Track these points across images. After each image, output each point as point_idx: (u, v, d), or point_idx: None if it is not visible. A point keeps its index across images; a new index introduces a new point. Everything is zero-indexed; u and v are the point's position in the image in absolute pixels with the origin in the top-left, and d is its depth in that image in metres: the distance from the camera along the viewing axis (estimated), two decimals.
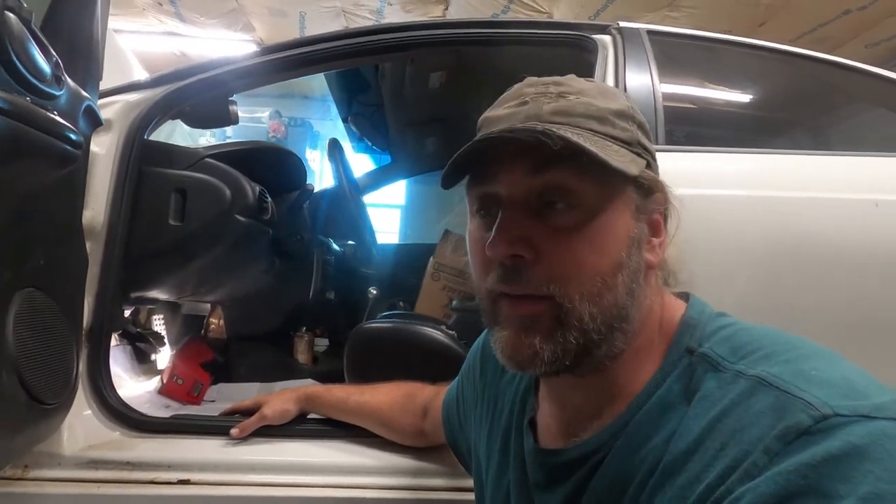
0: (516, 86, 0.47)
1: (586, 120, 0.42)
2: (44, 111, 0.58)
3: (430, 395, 0.81)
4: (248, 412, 0.91)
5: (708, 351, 0.41)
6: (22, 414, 0.63)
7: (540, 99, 0.43)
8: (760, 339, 0.40)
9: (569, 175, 0.41)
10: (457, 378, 0.73)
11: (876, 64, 1.23)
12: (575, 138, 0.39)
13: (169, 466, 0.83)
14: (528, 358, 0.42)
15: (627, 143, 0.43)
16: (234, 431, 0.87)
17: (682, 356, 0.42)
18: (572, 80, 0.46)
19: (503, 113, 0.44)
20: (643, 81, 1.02)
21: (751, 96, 1.28)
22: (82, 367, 0.84)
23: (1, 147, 0.52)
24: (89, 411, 0.88)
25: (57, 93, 0.62)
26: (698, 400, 0.39)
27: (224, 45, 3.83)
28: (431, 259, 1.62)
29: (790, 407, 0.33)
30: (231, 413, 0.94)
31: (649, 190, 0.45)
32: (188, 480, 0.82)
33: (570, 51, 1.14)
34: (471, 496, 0.78)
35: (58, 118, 0.61)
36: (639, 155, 0.44)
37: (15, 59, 0.52)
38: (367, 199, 2.08)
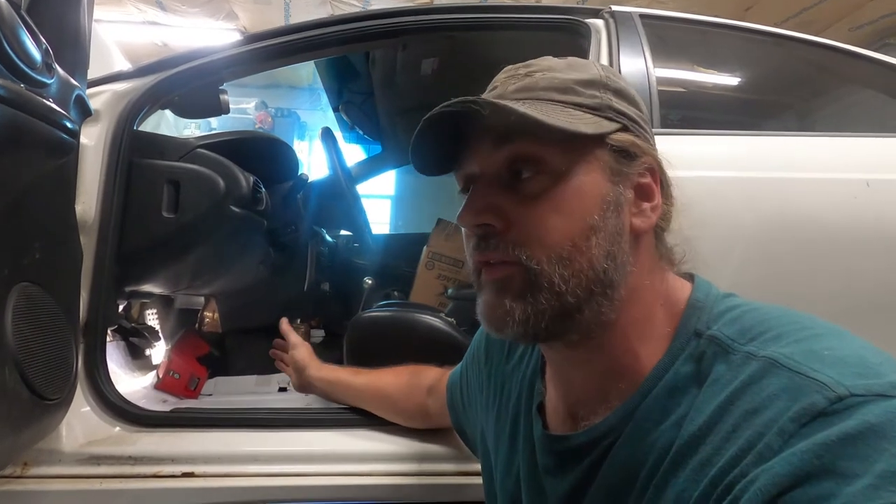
0: (496, 77, 0.49)
1: (547, 92, 0.44)
2: (40, 99, 0.56)
3: (435, 377, 0.81)
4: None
5: (717, 333, 0.41)
6: (25, 410, 0.62)
7: (507, 82, 0.46)
8: (770, 319, 0.40)
9: (531, 144, 0.43)
10: (461, 362, 0.73)
11: (859, 46, 1.25)
12: (508, 104, 0.41)
13: (172, 460, 0.82)
14: (501, 317, 0.43)
15: (593, 109, 0.44)
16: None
17: (691, 338, 0.42)
18: (543, 60, 0.47)
19: None
20: (637, 66, 1.02)
21: (745, 79, 1.28)
22: (80, 362, 0.83)
23: None
24: (87, 407, 0.87)
25: (48, 81, 0.60)
26: (709, 383, 0.38)
27: (207, 34, 3.75)
28: (425, 248, 1.61)
29: (804, 388, 0.33)
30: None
31: (628, 153, 0.44)
32: (192, 473, 0.81)
33: (562, 35, 1.14)
34: (477, 479, 0.79)
35: (53, 106, 0.59)
36: (609, 119, 0.44)
37: (5, 45, 0.51)
38: (359, 189, 2.07)
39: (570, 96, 0.43)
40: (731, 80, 1.29)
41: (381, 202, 4.40)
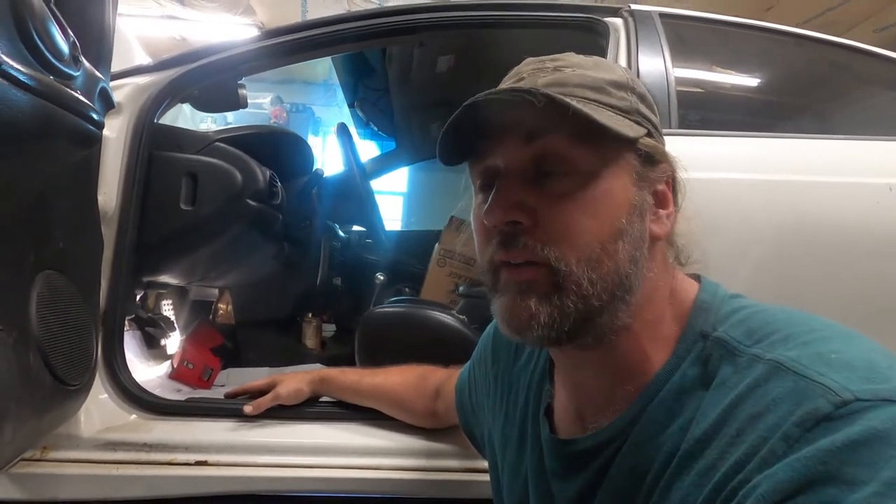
0: (515, 68, 0.47)
1: (581, 89, 0.42)
2: (68, 90, 0.57)
3: (442, 378, 0.82)
4: (260, 392, 0.92)
5: (723, 335, 0.40)
6: (47, 395, 0.63)
7: (536, 74, 0.44)
8: (777, 320, 0.39)
9: (562, 141, 0.41)
10: (468, 363, 0.73)
11: (884, 48, 1.22)
12: (559, 97, 0.39)
13: (186, 448, 0.84)
14: (525, 321, 0.41)
15: (625, 112, 0.43)
16: (247, 408, 0.88)
17: (697, 340, 0.41)
18: (570, 56, 0.46)
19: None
20: (656, 65, 1.01)
21: (765, 80, 1.26)
22: (99, 350, 0.85)
23: (31, 127, 0.51)
24: (105, 394, 0.89)
25: (75, 73, 0.61)
26: (715, 386, 0.38)
27: (225, 29, 3.78)
28: (437, 245, 1.62)
29: (809, 392, 0.32)
30: (242, 393, 0.95)
31: (651, 159, 0.44)
32: (206, 462, 0.83)
33: (580, 34, 1.13)
34: (483, 477, 0.79)
35: (81, 97, 0.61)
36: (638, 123, 0.44)
37: (36, 37, 0.52)
38: (372, 185, 2.07)
39: (602, 96, 0.42)
40: (751, 81, 1.27)
41: (393, 199, 4.41)
